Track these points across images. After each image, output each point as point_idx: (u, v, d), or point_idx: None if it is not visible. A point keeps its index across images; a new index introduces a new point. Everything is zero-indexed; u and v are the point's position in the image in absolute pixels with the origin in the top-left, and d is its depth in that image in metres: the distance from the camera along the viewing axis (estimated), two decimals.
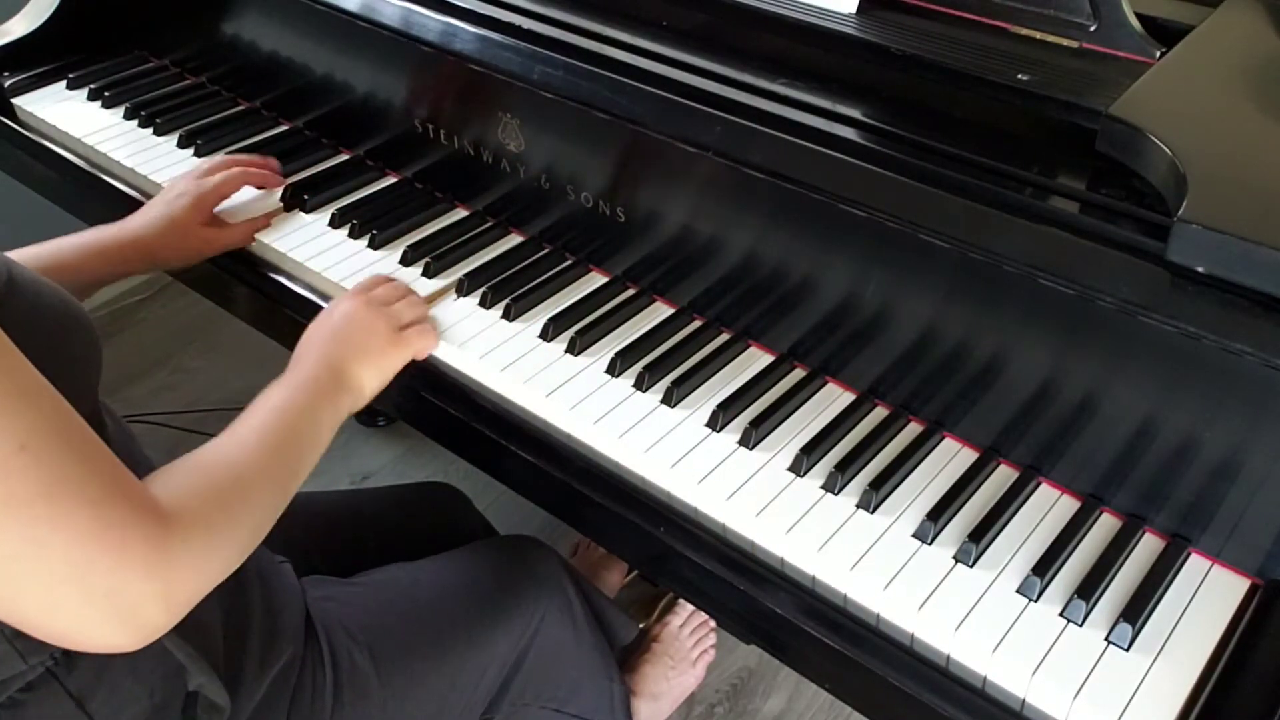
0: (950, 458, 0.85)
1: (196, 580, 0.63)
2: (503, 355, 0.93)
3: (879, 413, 0.89)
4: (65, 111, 1.28)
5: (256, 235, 1.08)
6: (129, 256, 1.01)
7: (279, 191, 1.14)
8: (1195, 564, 0.76)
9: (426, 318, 0.96)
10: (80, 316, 0.72)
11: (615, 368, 0.92)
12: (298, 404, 0.80)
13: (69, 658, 0.69)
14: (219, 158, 1.14)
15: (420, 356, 0.93)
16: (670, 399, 0.89)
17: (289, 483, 0.76)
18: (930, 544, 0.78)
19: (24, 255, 0.93)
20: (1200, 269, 0.68)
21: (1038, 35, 0.89)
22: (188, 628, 0.76)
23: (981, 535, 0.77)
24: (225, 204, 1.09)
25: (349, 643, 0.92)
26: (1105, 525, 0.79)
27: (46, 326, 0.61)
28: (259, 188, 1.14)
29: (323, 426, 0.81)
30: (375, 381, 0.88)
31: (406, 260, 1.05)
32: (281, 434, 0.76)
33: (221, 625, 0.81)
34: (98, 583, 0.58)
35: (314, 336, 0.89)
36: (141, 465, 0.70)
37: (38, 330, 0.61)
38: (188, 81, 1.35)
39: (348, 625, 0.93)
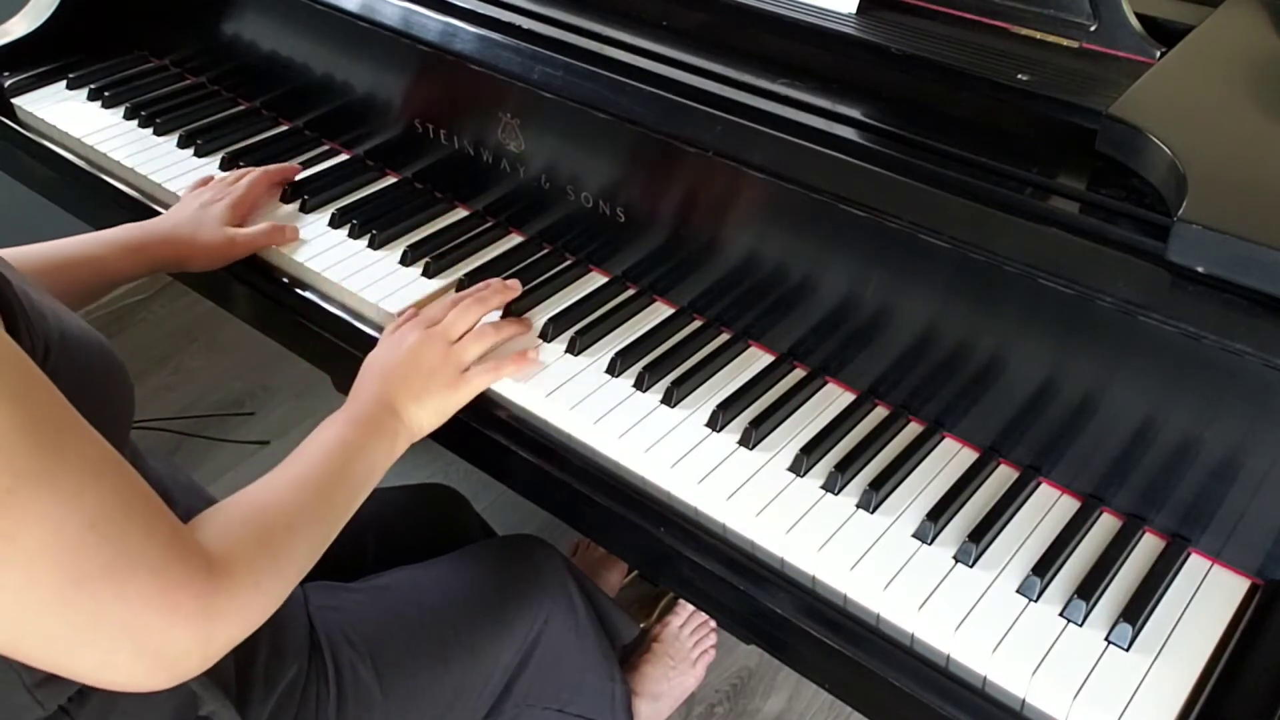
0: (950, 458, 0.85)
1: (237, 630, 0.65)
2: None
3: (879, 413, 0.89)
4: (65, 111, 1.28)
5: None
6: (156, 255, 1.01)
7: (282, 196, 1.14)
8: (1195, 564, 0.76)
9: (493, 345, 0.93)
10: (120, 364, 0.73)
11: (615, 368, 0.92)
12: (354, 442, 0.81)
13: (82, 695, 0.70)
14: (238, 172, 1.13)
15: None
16: (670, 399, 0.89)
17: (337, 524, 0.77)
18: (930, 544, 0.78)
19: (46, 248, 0.93)
20: (1200, 269, 0.68)
21: (1038, 35, 0.89)
22: None
23: (981, 535, 0.77)
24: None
25: (352, 654, 0.91)
26: (1105, 525, 0.79)
27: (95, 376, 0.61)
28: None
29: (376, 466, 0.82)
30: (434, 422, 0.88)
31: (406, 260, 1.04)
32: (335, 477, 0.77)
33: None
34: (149, 642, 0.60)
35: (374, 369, 0.89)
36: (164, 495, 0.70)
37: (88, 383, 0.61)
38: (188, 81, 1.35)
39: (350, 635, 0.93)
